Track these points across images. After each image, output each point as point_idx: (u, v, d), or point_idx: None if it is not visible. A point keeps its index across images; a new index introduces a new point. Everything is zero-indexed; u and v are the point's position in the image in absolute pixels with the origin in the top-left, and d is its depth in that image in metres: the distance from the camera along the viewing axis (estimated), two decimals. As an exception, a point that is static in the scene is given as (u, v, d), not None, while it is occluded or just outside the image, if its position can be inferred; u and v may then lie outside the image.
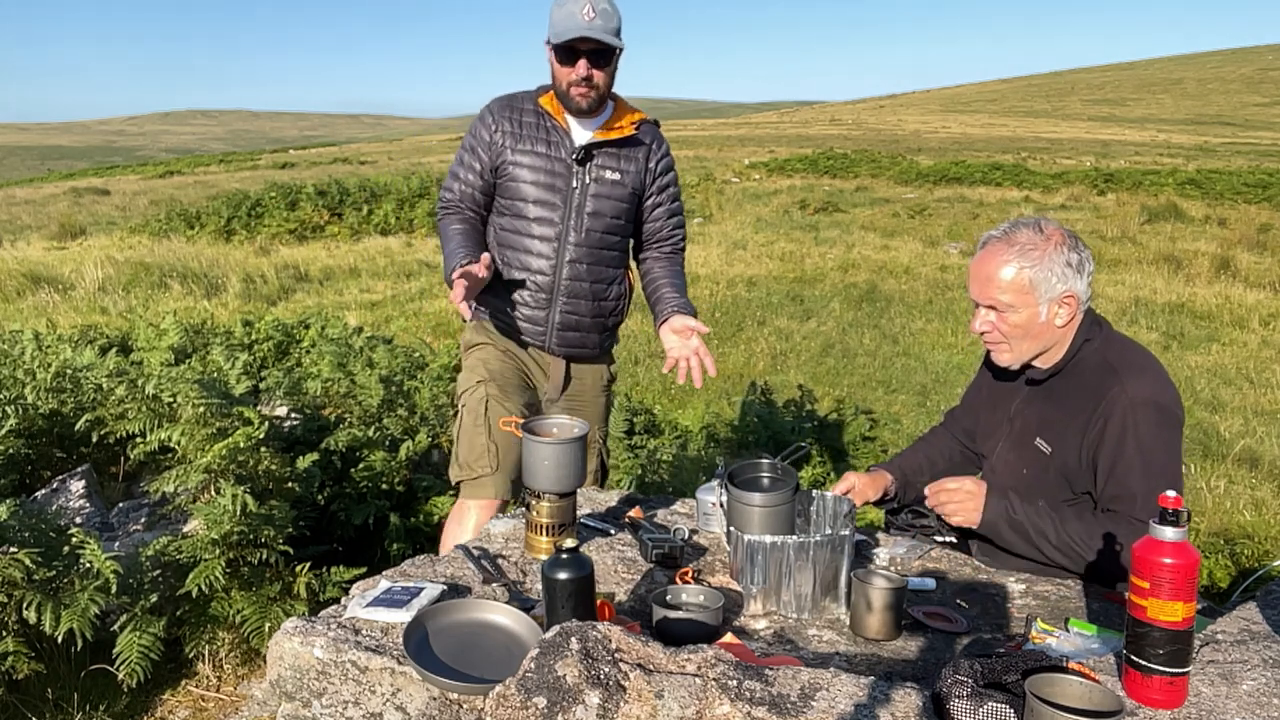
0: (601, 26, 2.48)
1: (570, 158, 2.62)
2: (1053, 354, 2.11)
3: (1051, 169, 23.92)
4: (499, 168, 2.65)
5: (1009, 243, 2.03)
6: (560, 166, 2.62)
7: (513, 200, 2.65)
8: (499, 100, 2.71)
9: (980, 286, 2.07)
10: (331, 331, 6.12)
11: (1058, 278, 2.01)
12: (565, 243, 2.64)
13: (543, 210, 2.62)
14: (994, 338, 2.11)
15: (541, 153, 2.62)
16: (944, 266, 11.35)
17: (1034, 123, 66.35)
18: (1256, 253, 12.15)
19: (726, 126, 68.80)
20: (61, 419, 4.07)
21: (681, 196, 2.88)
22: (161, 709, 2.73)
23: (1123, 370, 2.00)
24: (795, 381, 6.55)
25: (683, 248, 2.90)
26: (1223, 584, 3.54)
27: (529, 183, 2.62)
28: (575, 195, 2.63)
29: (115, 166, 52.57)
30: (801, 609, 1.85)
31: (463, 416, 2.70)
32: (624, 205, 2.70)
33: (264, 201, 16.51)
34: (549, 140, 2.63)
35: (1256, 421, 6.03)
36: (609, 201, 2.66)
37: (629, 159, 2.69)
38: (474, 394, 2.67)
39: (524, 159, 2.62)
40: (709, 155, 31.94)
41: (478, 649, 1.66)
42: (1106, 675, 1.49)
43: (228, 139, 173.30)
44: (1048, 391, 2.13)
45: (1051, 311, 2.04)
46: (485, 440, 2.61)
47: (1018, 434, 2.19)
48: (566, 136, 2.63)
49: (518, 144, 2.63)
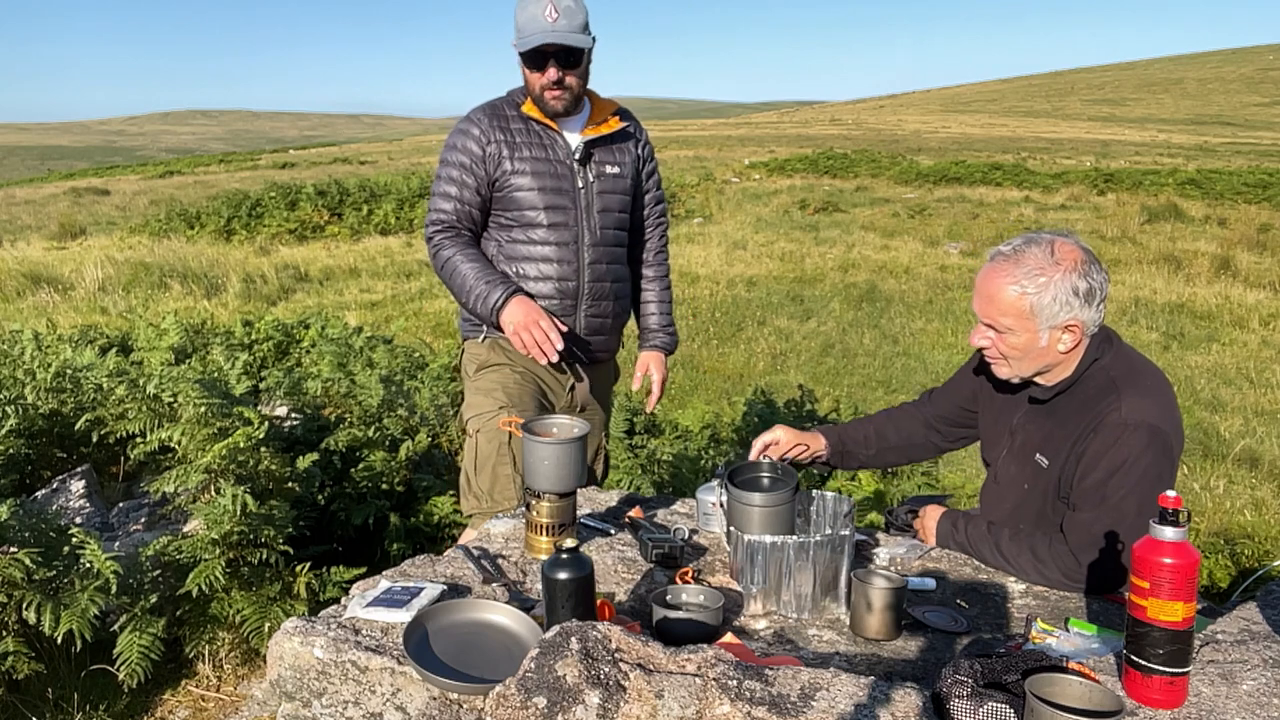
0: (566, 26, 2.39)
1: (570, 159, 2.58)
2: (1056, 374, 2.03)
3: (1051, 169, 23.93)
4: (497, 180, 2.55)
5: (1016, 262, 1.94)
6: (563, 169, 2.57)
7: (520, 211, 2.56)
8: (480, 110, 2.59)
9: (982, 304, 2.01)
10: (331, 331, 6.11)
11: (1062, 306, 1.90)
12: (583, 245, 2.59)
13: (556, 215, 2.56)
14: (993, 354, 2.05)
15: (541, 158, 2.55)
16: (944, 266, 11.35)
17: (1034, 123, 66.34)
18: (1256, 253, 12.15)
19: (726, 126, 68.79)
20: (61, 419, 4.07)
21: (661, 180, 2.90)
22: (161, 709, 2.73)
23: (1124, 389, 1.93)
24: (795, 381, 6.55)
25: (666, 238, 2.91)
26: (1223, 584, 3.54)
27: (535, 190, 2.54)
28: (583, 195, 2.59)
29: (115, 166, 52.58)
30: (801, 609, 1.85)
31: (479, 444, 2.55)
32: (627, 198, 2.69)
33: (264, 201, 16.52)
34: (544, 144, 2.56)
35: (1256, 421, 6.03)
36: (615, 196, 2.65)
37: (623, 150, 2.68)
38: (493, 420, 2.53)
39: (524, 166, 2.53)
40: (709, 155, 31.94)
41: (478, 649, 1.66)
42: (1106, 675, 1.49)
43: (228, 139, 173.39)
44: (1051, 409, 2.07)
45: (1053, 338, 1.95)
46: (510, 471, 2.50)
47: (1019, 448, 2.14)
48: (561, 138, 2.58)
49: (514, 153, 2.53)
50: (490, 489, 2.52)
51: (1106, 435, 1.90)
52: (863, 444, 2.45)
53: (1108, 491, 1.89)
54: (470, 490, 2.56)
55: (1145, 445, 1.87)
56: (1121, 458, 1.87)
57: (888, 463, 2.57)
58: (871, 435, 2.46)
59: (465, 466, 2.60)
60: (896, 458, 2.51)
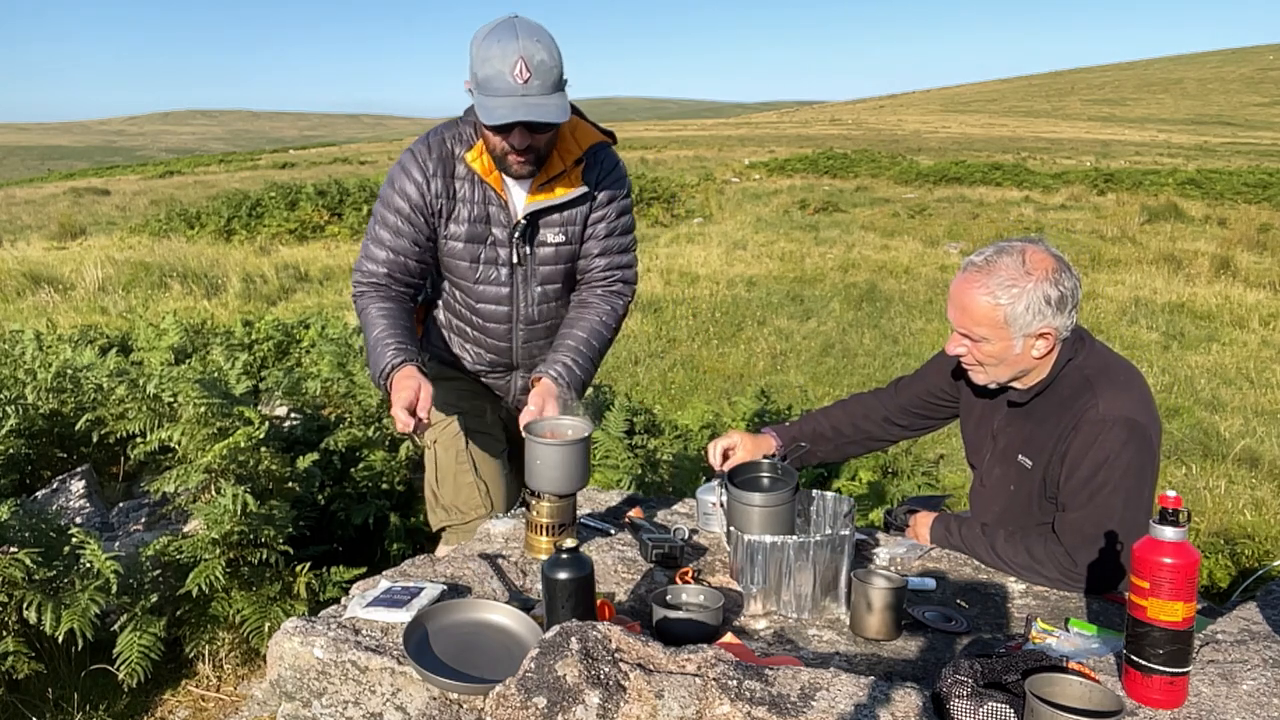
0: (540, 89, 2.00)
1: (510, 231, 2.25)
2: (1032, 377, 2.07)
3: (1051, 169, 23.93)
4: (437, 229, 2.26)
5: (988, 272, 1.96)
6: (501, 241, 2.26)
7: (456, 276, 2.33)
8: (427, 149, 2.22)
9: (956, 314, 2.03)
10: (331, 331, 6.11)
11: (1035, 314, 1.93)
12: (516, 319, 2.36)
13: (490, 289, 2.31)
14: (969, 361, 2.08)
15: (479, 230, 2.25)
16: (944, 266, 11.35)
17: (1034, 123, 66.34)
18: (1256, 253, 12.15)
19: (726, 126, 68.81)
20: (61, 419, 4.08)
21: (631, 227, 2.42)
22: (161, 709, 2.73)
23: (1099, 386, 1.96)
24: (795, 381, 6.56)
25: (623, 292, 2.42)
26: (1223, 584, 3.54)
27: (468, 261, 2.28)
28: (520, 271, 2.30)
29: (115, 166, 52.58)
30: (801, 609, 1.85)
31: (438, 455, 2.43)
32: (570, 265, 2.37)
33: (264, 201, 16.51)
34: (487, 212, 2.24)
35: (1256, 421, 6.03)
36: (557, 267, 2.34)
37: (573, 216, 2.29)
38: (447, 430, 2.41)
39: (460, 231, 2.24)
40: (709, 155, 31.94)
41: (478, 649, 1.66)
42: (1106, 675, 1.49)
43: (228, 139, 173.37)
44: (1029, 411, 2.11)
45: (1027, 344, 1.98)
46: (473, 478, 2.40)
47: (1002, 451, 2.17)
48: (504, 210, 2.24)
49: (453, 213, 2.24)
50: (454, 499, 2.44)
51: (1086, 433, 1.93)
52: (817, 439, 2.44)
53: (1093, 489, 1.92)
54: (438, 504, 2.48)
55: (1125, 440, 1.90)
56: (1103, 454, 1.91)
57: (847, 455, 2.57)
58: (826, 430, 2.45)
59: (428, 480, 2.51)
60: (857, 450, 2.52)
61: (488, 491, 2.44)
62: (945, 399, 2.35)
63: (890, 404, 2.43)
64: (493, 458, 2.50)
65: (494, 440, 2.51)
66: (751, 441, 2.39)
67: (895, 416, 2.42)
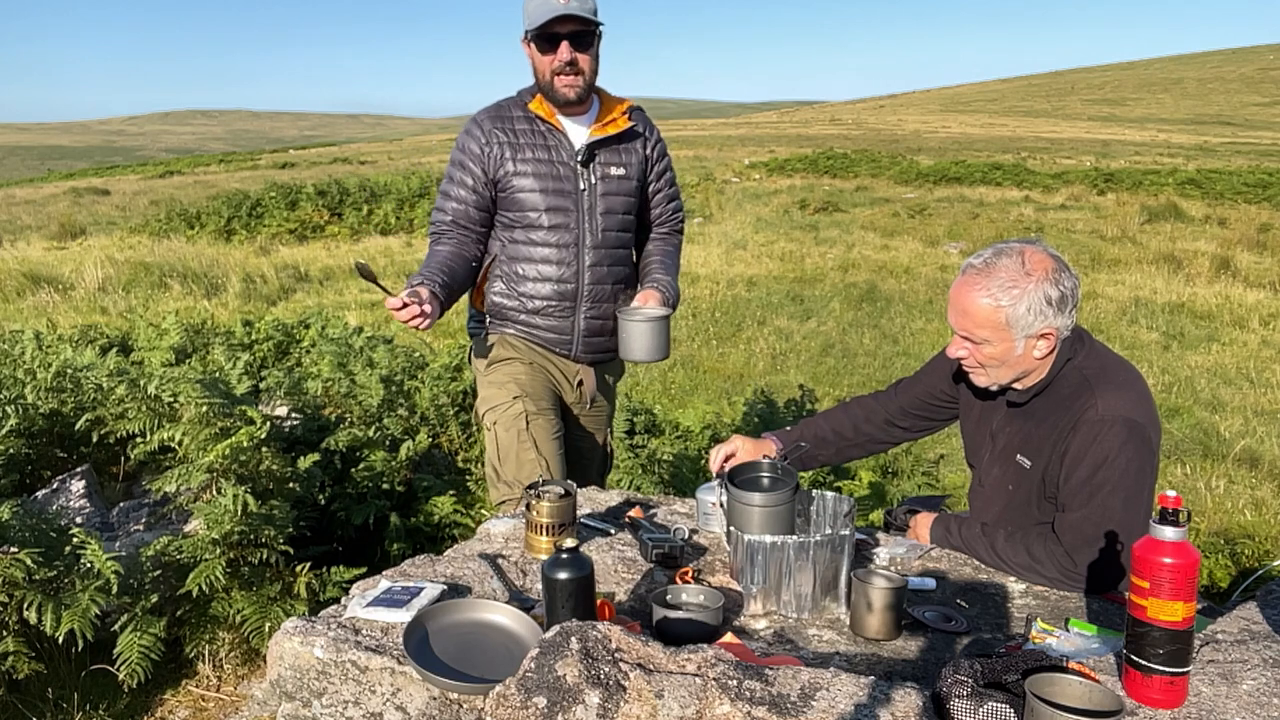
0: (579, 5, 2.42)
1: (574, 160, 2.57)
2: (1032, 377, 2.07)
3: (1051, 169, 23.92)
4: (499, 181, 2.57)
5: (988, 275, 1.96)
6: (565, 170, 2.57)
7: (522, 212, 2.58)
8: (485, 112, 2.63)
9: (956, 317, 2.04)
10: (331, 331, 6.11)
11: (1036, 315, 1.93)
12: (583, 247, 2.60)
13: (556, 217, 2.57)
14: (970, 363, 2.08)
15: (544, 159, 2.56)
16: (944, 266, 11.35)
17: (1034, 123, 66.34)
18: (1256, 253, 12.15)
19: (726, 126, 68.80)
20: (62, 419, 4.07)
21: (676, 179, 2.86)
22: (161, 709, 2.73)
23: (1098, 386, 1.97)
24: (795, 381, 6.56)
25: (681, 228, 2.89)
26: (1223, 584, 3.54)
27: (536, 191, 2.55)
28: (585, 197, 2.59)
29: (115, 166, 52.58)
30: (801, 609, 1.85)
31: (498, 435, 2.60)
32: (631, 199, 2.68)
33: (264, 201, 16.51)
34: (548, 145, 2.57)
35: (1256, 421, 6.03)
36: (618, 198, 2.63)
37: (629, 151, 2.66)
38: (509, 410, 2.59)
39: (526, 168, 2.55)
40: (709, 155, 31.94)
41: (478, 649, 1.66)
42: (1106, 675, 1.49)
43: (228, 139, 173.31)
44: (1029, 410, 2.11)
45: (1029, 345, 1.98)
46: (534, 455, 2.54)
47: (1000, 451, 2.18)
48: (565, 138, 2.58)
49: (516, 154, 2.55)
50: (517, 474, 2.56)
51: (1085, 433, 1.93)
52: (819, 443, 2.46)
53: (1093, 489, 1.92)
54: (500, 479, 2.61)
55: (1124, 440, 1.90)
56: (1103, 454, 1.91)
57: (848, 458, 2.59)
58: (828, 433, 2.47)
59: (489, 459, 2.65)
60: (858, 452, 2.53)
61: (548, 468, 2.57)
62: (945, 400, 2.35)
63: (891, 406, 2.43)
64: (551, 438, 2.62)
65: (552, 421, 2.62)
66: (752, 445, 2.40)
67: (896, 418, 2.42)
